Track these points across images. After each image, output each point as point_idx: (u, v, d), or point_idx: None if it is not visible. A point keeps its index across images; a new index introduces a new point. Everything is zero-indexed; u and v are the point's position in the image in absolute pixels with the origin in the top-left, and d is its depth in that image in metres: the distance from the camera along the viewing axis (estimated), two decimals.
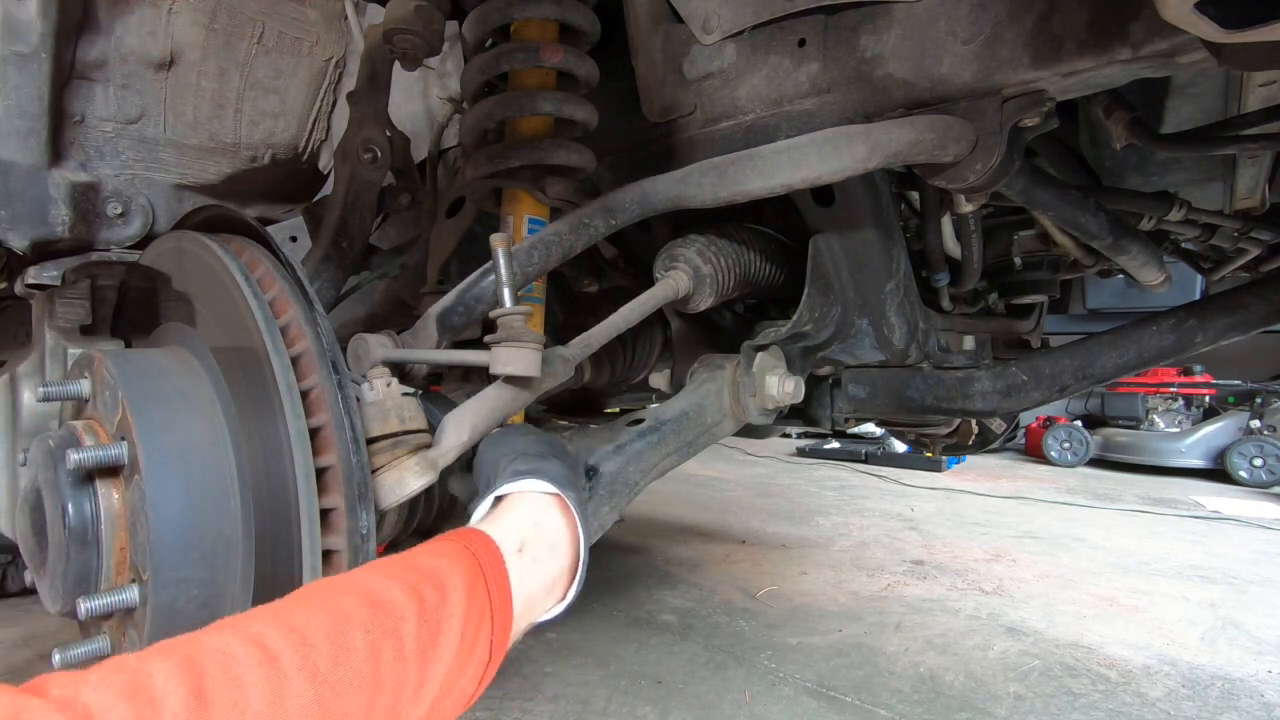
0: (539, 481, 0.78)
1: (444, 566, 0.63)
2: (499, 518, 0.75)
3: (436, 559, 0.64)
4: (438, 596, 0.60)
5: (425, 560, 0.63)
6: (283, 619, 0.53)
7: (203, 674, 0.46)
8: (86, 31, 1.20)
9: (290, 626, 0.52)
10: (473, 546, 0.67)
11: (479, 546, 0.67)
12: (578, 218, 1.17)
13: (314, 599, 0.56)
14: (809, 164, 1.06)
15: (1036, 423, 7.91)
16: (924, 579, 3.83)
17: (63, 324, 1.08)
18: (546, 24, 1.18)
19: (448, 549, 0.66)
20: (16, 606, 3.24)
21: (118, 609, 0.77)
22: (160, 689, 0.44)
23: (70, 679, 0.43)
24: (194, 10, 1.29)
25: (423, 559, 0.64)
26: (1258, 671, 2.76)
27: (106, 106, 1.27)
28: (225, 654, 0.48)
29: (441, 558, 0.64)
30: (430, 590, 0.60)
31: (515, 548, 0.71)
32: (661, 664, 2.77)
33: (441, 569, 0.62)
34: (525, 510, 0.76)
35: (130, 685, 0.43)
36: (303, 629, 0.52)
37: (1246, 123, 1.29)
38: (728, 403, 1.31)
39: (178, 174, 1.41)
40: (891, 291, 1.41)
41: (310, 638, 0.51)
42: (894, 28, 1.08)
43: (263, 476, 0.78)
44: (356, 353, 1.01)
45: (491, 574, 0.66)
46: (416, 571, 0.61)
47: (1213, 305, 1.26)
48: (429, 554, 0.65)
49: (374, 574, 0.60)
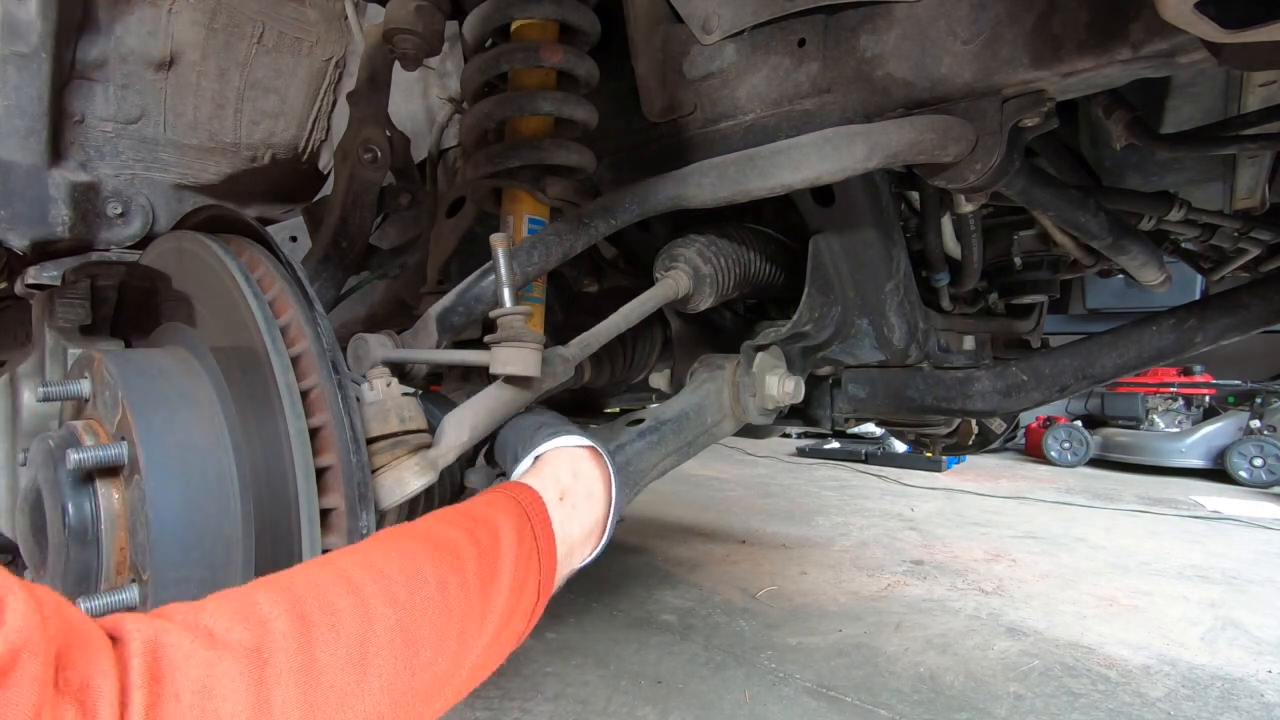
0: (571, 437, 0.85)
1: (494, 514, 0.69)
2: (540, 471, 0.82)
3: (487, 508, 0.70)
4: (491, 540, 0.66)
5: (477, 509, 0.70)
6: (363, 557, 0.59)
7: (301, 600, 0.52)
8: (86, 31, 1.20)
9: (370, 563, 0.58)
10: (518, 496, 0.73)
11: (524, 496, 0.74)
12: (578, 218, 1.17)
13: (387, 542, 0.62)
14: (809, 164, 1.06)
15: (1036, 423, 7.91)
16: (924, 579, 3.83)
17: (63, 324, 1.08)
18: (546, 24, 1.18)
19: (496, 499, 0.72)
20: None
21: (118, 609, 0.77)
22: (267, 612, 0.49)
23: (189, 608, 0.48)
24: (194, 10, 1.29)
25: (475, 508, 0.70)
26: (1258, 671, 2.76)
27: (106, 106, 1.27)
28: (318, 584, 0.54)
29: (491, 507, 0.71)
30: (485, 533, 0.66)
31: (557, 496, 0.78)
32: (661, 664, 2.77)
33: (492, 516, 0.69)
34: (563, 463, 0.83)
35: (241, 610, 0.49)
36: (380, 564, 0.58)
37: (1246, 123, 1.29)
38: (728, 403, 1.31)
39: (178, 174, 1.41)
40: (891, 291, 1.41)
41: (387, 572, 0.57)
42: (894, 28, 1.08)
43: (263, 476, 0.78)
44: (356, 353, 1.01)
45: (537, 520, 0.72)
46: (470, 518, 0.68)
47: (1213, 305, 1.26)
48: (480, 504, 0.71)
49: (434, 521, 0.67)
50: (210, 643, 0.45)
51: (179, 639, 0.45)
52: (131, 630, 0.44)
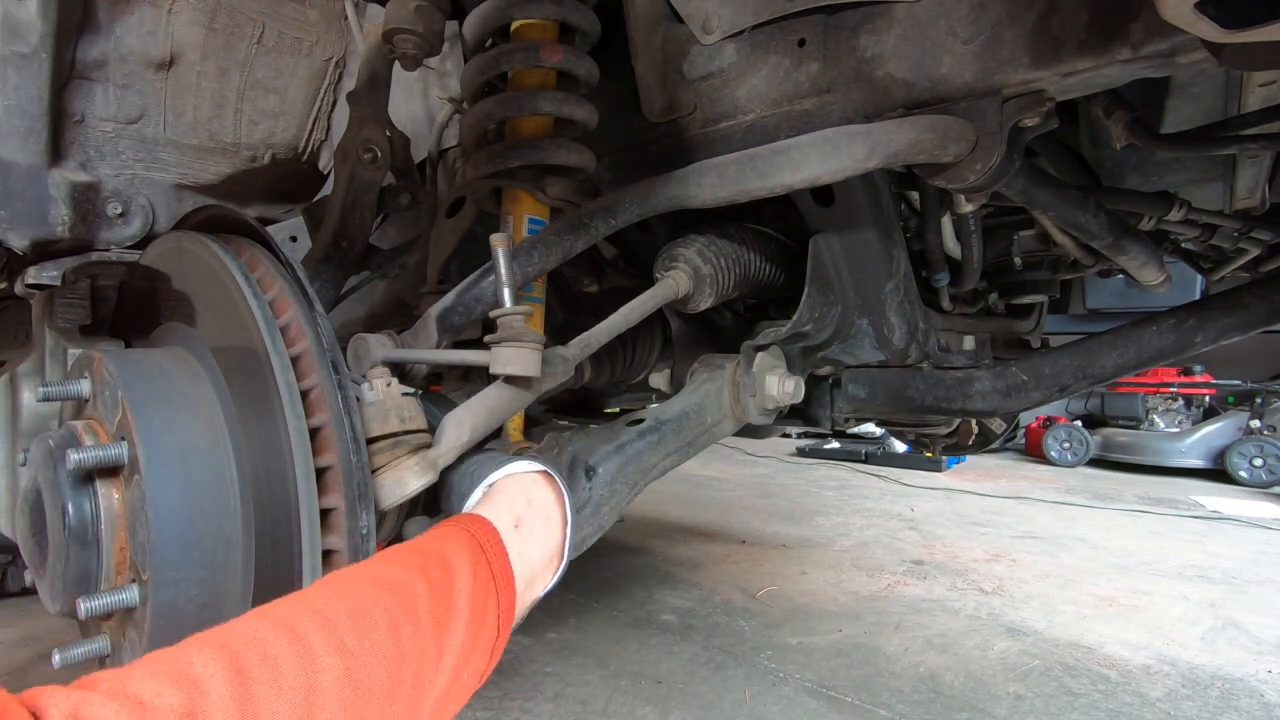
0: (523, 463, 0.82)
1: (446, 549, 0.66)
2: (491, 500, 0.79)
3: (438, 542, 0.67)
4: (444, 576, 0.63)
5: (428, 544, 0.67)
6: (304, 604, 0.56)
7: (238, 655, 0.48)
8: (86, 31, 1.20)
9: (313, 610, 0.55)
10: (470, 528, 0.70)
11: (476, 527, 0.70)
12: (578, 218, 1.17)
13: (331, 586, 0.59)
14: (809, 164, 1.06)
15: (1036, 423, 7.91)
16: (924, 579, 3.83)
17: (63, 324, 1.08)
18: (546, 24, 1.18)
19: (447, 532, 0.69)
20: (16, 606, 3.24)
21: (118, 609, 0.77)
22: (201, 672, 0.46)
23: (116, 674, 0.45)
24: (194, 10, 1.29)
25: (425, 544, 0.67)
26: (1258, 671, 2.76)
27: (106, 106, 1.27)
28: (256, 637, 0.51)
29: (443, 541, 0.67)
30: (437, 570, 0.63)
31: (512, 524, 0.74)
32: (661, 664, 2.77)
33: (444, 551, 0.66)
34: (515, 489, 0.80)
35: (173, 672, 0.46)
36: (325, 611, 0.55)
37: (1246, 123, 1.29)
38: (728, 403, 1.31)
39: (178, 174, 1.41)
40: (891, 291, 1.41)
41: (333, 619, 0.54)
42: (894, 28, 1.08)
43: (263, 476, 0.78)
44: (356, 353, 1.01)
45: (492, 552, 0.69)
46: (421, 554, 0.64)
47: (1213, 305, 1.26)
48: (430, 539, 0.68)
49: (382, 562, 0.63)
50: (138, 711, 0.43)
51: (102, 710, 0.42)
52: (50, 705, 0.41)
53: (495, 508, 0.76)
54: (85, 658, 0.80)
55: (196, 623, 0.78)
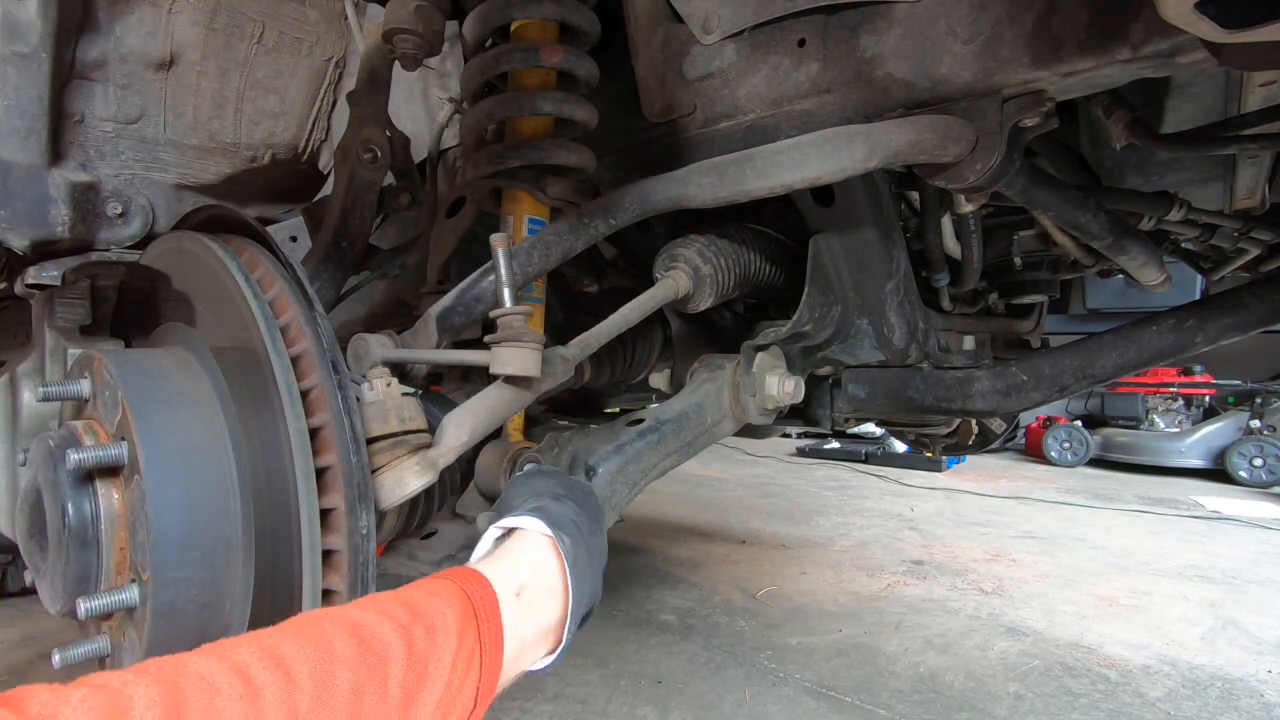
0: (539, 521, 0.77)
1: (437, 607, 0.62)
2: (500, 558, 0.74)
3: (431, 598, 0.63)
4: (428, 638, 0.59)
5: (420, 599, 0.63)
6: (270, 649, 0.52)
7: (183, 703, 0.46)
8: (86, 31, 1.20)
9: (277, 659, 0.51)
10: (469, 588, 0.66)
11: (475, 588, 0.66)
12: (578, 218, 1.17)
13: (305, 630, 0.55)
14: (809, 164, 1.06)
15: (1036, 423, 7.91)
16: (924, 579, 3.83)
17: (63, 324, 1.08)
18: (546, 24, 1.18)
19: (443, 589, 0.65)
20: (16, 606, 3.24)
21: (118, 609, 0.77)
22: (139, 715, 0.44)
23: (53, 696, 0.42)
24: (194, 10, 1.29)
25: (418, 597, 0.63)
26: (1258, 671, 2.76)
27: (106, 106, 1.27)
28: (208, 682, 0.48)
29: (436, 598, 0.63)
30: (421, 631, 0.59)
31: (513, 591, 0.70)
32: (661, 664, 2.77)
33: (435, 610, 0.62)
34: (526, 552, 0.75)
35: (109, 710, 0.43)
36: (289, 663, 0.52)
37: (1246, 123, 1.29)
38: (728, 403, 1.31)
39: (178, 174, 1.41)
40: (891, 291, 1.41)
41: (295, 674, 0.51)
42: (894, 28, 1.08)
43: (263, 476, 0.78)
44: (356, 353, 1.01)
45: (485, 618, 0.65)
46: (409, 610, 0.60)
47: (1213, 305, 1.26)
48: (425, 592, 0.64)
49: (368, 610, 0.60)
50: None
51: None
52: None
53: (500, 569, 0.71)
54: (85, 658, 0.80)
55: (196, 623, 0.78)
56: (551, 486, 0.87)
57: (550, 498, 0.83)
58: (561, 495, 0.85)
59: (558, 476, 0.92)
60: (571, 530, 0.78)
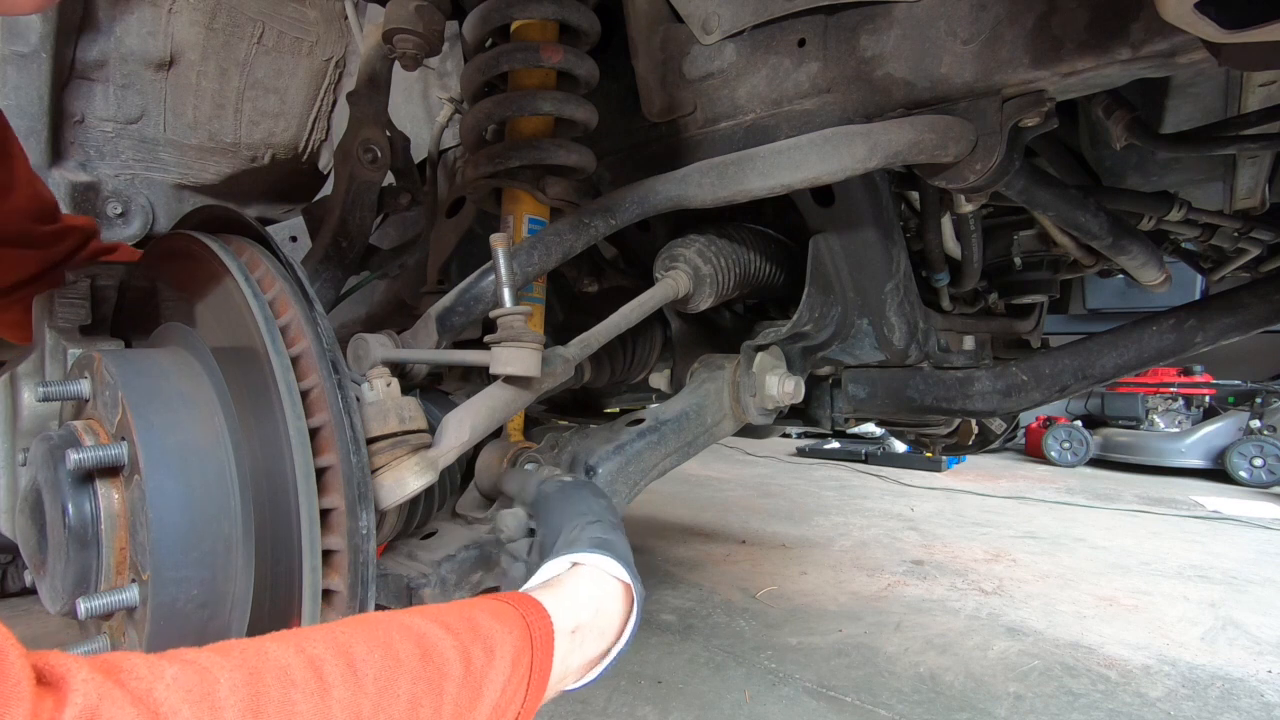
0: (615, 564, 0.80)
1: (498, 632, 0.64)
2: (564, 589, 0.76)
3: (494, 621, 0.65)
4: (485, 660, 0.62)
5: (483, 619, 0.65)
6: (344, 648, 0.55)
7: (262, 693, 0.48)
8: (86, 31, 1.20)
9: (349, 659, 0.54)
10: (530, 619, 0.68)
11: (536, 620, 0.68)
12: (578, 218, 1.17)
13: (375, 632, 0.58)
14: (809, 164, 1.06)
15: (1036, 423, 7.91)
16: (924, 579, 3.83)
17: (63, 324, 1.08)
18: (546, 24, 1.18)
19: (507, 615, 0.67)
20: (16, 606, 3.25)
21: (118, 609, 0.77)
22: (223, 699, 0.46)
23: (149, 670, 0.45)
24: (194, 10, 1.29)
25: (481, 618, 0.65)
26: (1258, 671, 2.76)
27: (106, 106, 1.27)
28: (286, 674, 0.50)
29: (499, 622, 0.65)
30: (480, 653, 0.62)
31: (570, 628, 0.72)
32: (661, 664, 2.77)
33: (495, 634, 0.64)
34: (593, 592, 0.78)
35: (198, 688, 0.46)
36: (359, 664, 0.54)
37: (1246, 123, 1.29)
38: (728, 403, 1.31)
39: (178, 174, 1.41)
40: (891, 291, 1.41)
41: (362, 676, 0.54)
42: (894, 28, 1.08)
43: (263, 476, 0.78)
44: (356, 353, 1.01)
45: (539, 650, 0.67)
46: (472, 629, 0.63)
47: (1213, 305, 1.26)
48: (488, 614, 0.66)
49: (434, 622, 0.62)
50: None
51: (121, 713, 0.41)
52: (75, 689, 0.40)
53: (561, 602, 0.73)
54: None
55: (196, 622, 0.78)
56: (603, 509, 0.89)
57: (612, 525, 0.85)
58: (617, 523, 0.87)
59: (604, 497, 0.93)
60: (637, 574, 0.81)
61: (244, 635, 0.79)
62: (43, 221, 1.11)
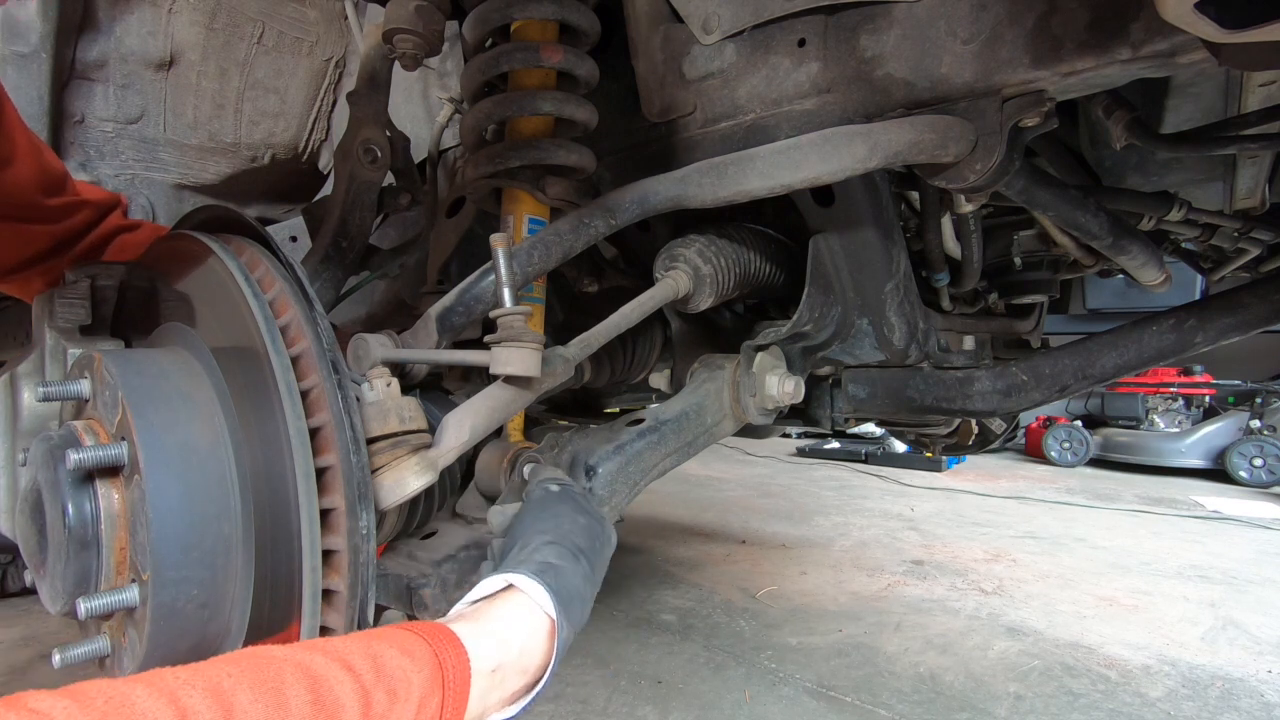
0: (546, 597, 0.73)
1: (405, 671, 0.60)
2: (489, 626, 0.70)
3: (401, 658, 0.60)
4: (387, 704, 0.57)
5: (390, 657, 0.60)
6: (224, 696, 0.50)
7: None
8: (86, 31, 1.20)
9: (227, 708, 0.49)
10: (444, 656, 0.63)
11: (451, 657, 0.63)
12: (578, 218, 1.17)
13: (262, 675, 0.53)
14: (809, 164, 1.06)
15: (1036, 423, 7.91)
16: (924, 579, 3.83)
17: (63, 324, 1.08)
18: (546, 24, 1.18)
19: (417, 650, 0.62)
20: (16, 606, 3.25)
21: (118, 609, 0.77)
22: None
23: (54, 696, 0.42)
24: (194, 10, 1.30)
25: (389, 654, 0.60)
26: (1258, 671, 2.77)
27: (106, 106, 1.27)
28: None
29: (407, 658, 0.61)
30: (382, 695, 0.57)
31: (490, 667, 0.66)
32: (661, 664, 2.77)
33: (400, 673, 0.59)
34: (517, 628, 0.71)
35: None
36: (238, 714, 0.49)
37: (1246, 123, 1.29)
38: (728, 403, 1.31)
39: (178, 174, 1.41)
40: (891, 291, 1.41)
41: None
42: (894, 28, 1.08)
43: (263, 476, 0.78)
44: (356, 353, 1.01)
45: (452, 689, 0.62)
46: (375, 669, 0.58)
47: (1213, 305, 1.26)
48: (397, 650, 0.61)
49: (334, 660, 0.57)
50: None
51: None
52: None
53: (482, 638, 0.67)
54: (85, 658, 0.80)
55: (196, 622, 0.78)
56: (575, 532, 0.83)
57: (570, 551, 0.80)
58: (581, 550, 0.81)
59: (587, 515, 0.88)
60: (576, 612, 0.75)
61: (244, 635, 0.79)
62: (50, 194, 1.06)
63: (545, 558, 0.78)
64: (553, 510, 0.87)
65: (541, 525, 0.84)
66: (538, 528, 0.83)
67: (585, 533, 0.85)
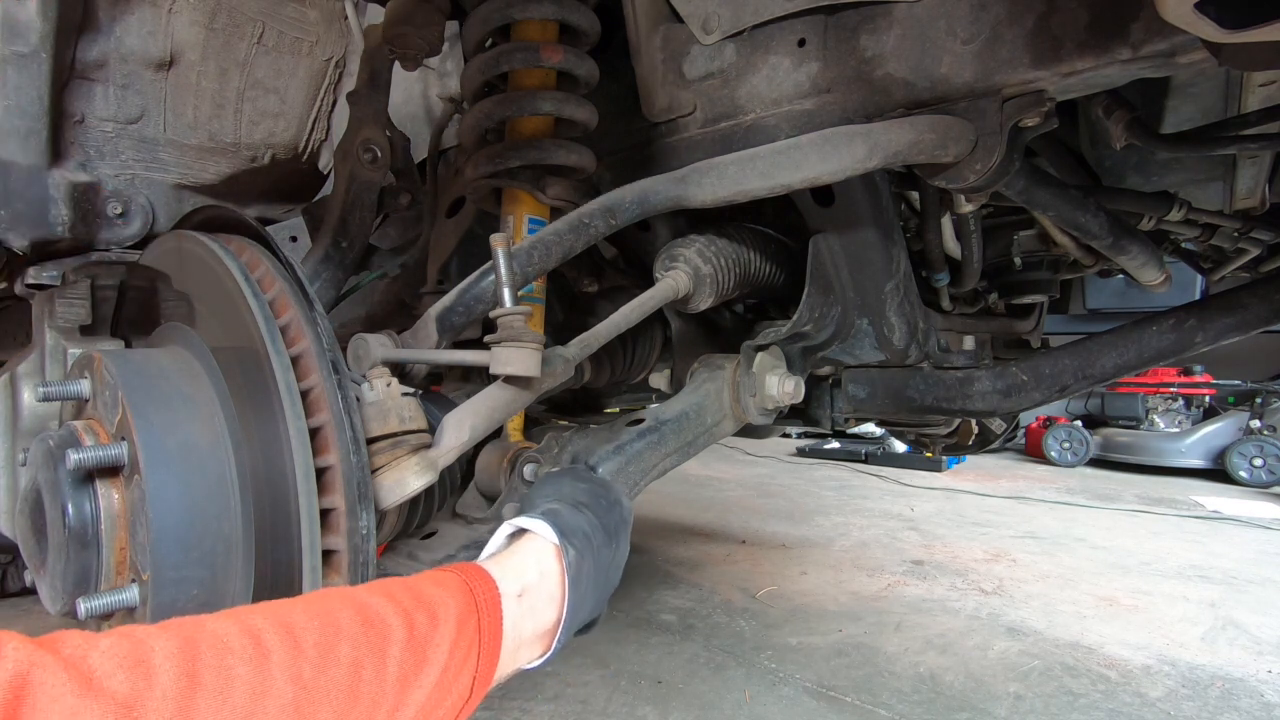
0: (550, 528, 0.78)
1: (441, 597, 0.64)
2: (508, 558, 0.76)
3: (435, 588, 0.65)
4: (429, 624, 0.61)
5: (425, 587, 0.65)
6: (282, 618, 0.55)
7: (197, 658, 0.48)
8: (86, 31, 1.20)
9: (287, 627, 0.54)
10: (473, 583, 0.68)
11: (479, 584, 0.68)
12: (578, 218, 1.17)
13: (314, 603, 0.58)
14: (809, 164, 1.06)
15: (1036, 423, 7.91)
16: (924, 579, 3.83)
17: (63, 324, 1.08)
18: (546, 24, 1.18)
19: (449, 580, 0.67)
20: (16, 606, 3.24)
21: (118, 609, 0.77)
22: (158, 664, 0.47)
23: (83, 640, 0.46)
24: (194, 10, 1.29)
25: (423, 585, 0.65)
26: (1258, 671, 2.77)
27: (106, 106, 1.27)
28: (223, 642, 0.51)
29: (440, 588, 0.65)
30: (423, 617, 0.61)
31: (516, 592, 0.72)
32: (662, 664, 2.77)
33: (438, 599, 0.64)
34: (533, 556, 0.77)
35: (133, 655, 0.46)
36: (298, 632, 0.54)
37: (1246, 123, 1.29)
38: (728, 403, 1.31)
39: (178, 174, 1.41)
40: (891, 291, 1.41)
41: (301, 642, 0.54)
42: (894, 28, 1.08)
43: (263, 476, 0.78)
44: (356, 353, 1.01)
45: (486, 613, 0.67)
46: (414, 597, 0.63)
47: (1213, 305, 1.26)
48: (430, 582, 0.66)
49: (374, 592, 0.62)
50: (85, 689, 0.42)
51: (53, 678, 0.42)
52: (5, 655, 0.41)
53: (505, 569, 0.73)
54: None
55: None
56: (575, 492, 0.89)
57: (570, 504, 0.85)
58: (582, 503, 0.86)
59: (588, 481, 0.93)
60: (580, 542, 0.79)
61: None
62: None
63: (546, 506, 0.83)
64: (554, 480, 0.92)
65: (544, 491, 0.90)
66: (541, 493, 0.89)
67: (587, 491, 0.90)
